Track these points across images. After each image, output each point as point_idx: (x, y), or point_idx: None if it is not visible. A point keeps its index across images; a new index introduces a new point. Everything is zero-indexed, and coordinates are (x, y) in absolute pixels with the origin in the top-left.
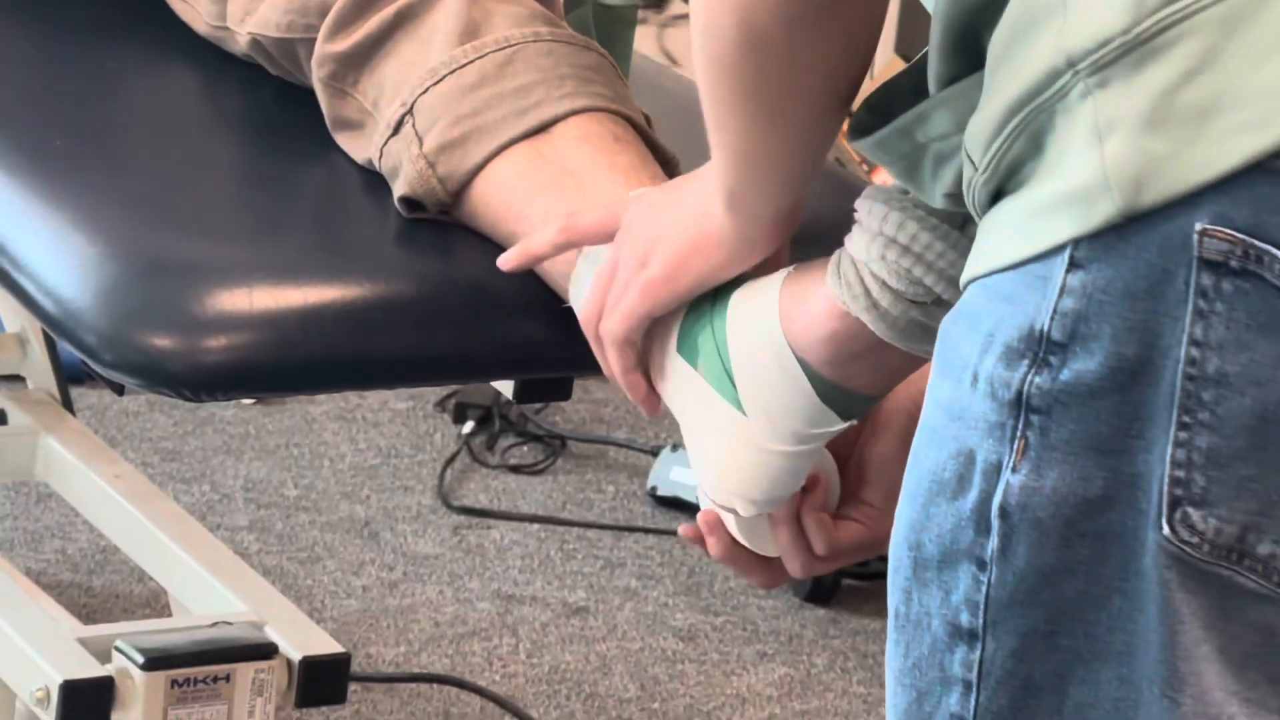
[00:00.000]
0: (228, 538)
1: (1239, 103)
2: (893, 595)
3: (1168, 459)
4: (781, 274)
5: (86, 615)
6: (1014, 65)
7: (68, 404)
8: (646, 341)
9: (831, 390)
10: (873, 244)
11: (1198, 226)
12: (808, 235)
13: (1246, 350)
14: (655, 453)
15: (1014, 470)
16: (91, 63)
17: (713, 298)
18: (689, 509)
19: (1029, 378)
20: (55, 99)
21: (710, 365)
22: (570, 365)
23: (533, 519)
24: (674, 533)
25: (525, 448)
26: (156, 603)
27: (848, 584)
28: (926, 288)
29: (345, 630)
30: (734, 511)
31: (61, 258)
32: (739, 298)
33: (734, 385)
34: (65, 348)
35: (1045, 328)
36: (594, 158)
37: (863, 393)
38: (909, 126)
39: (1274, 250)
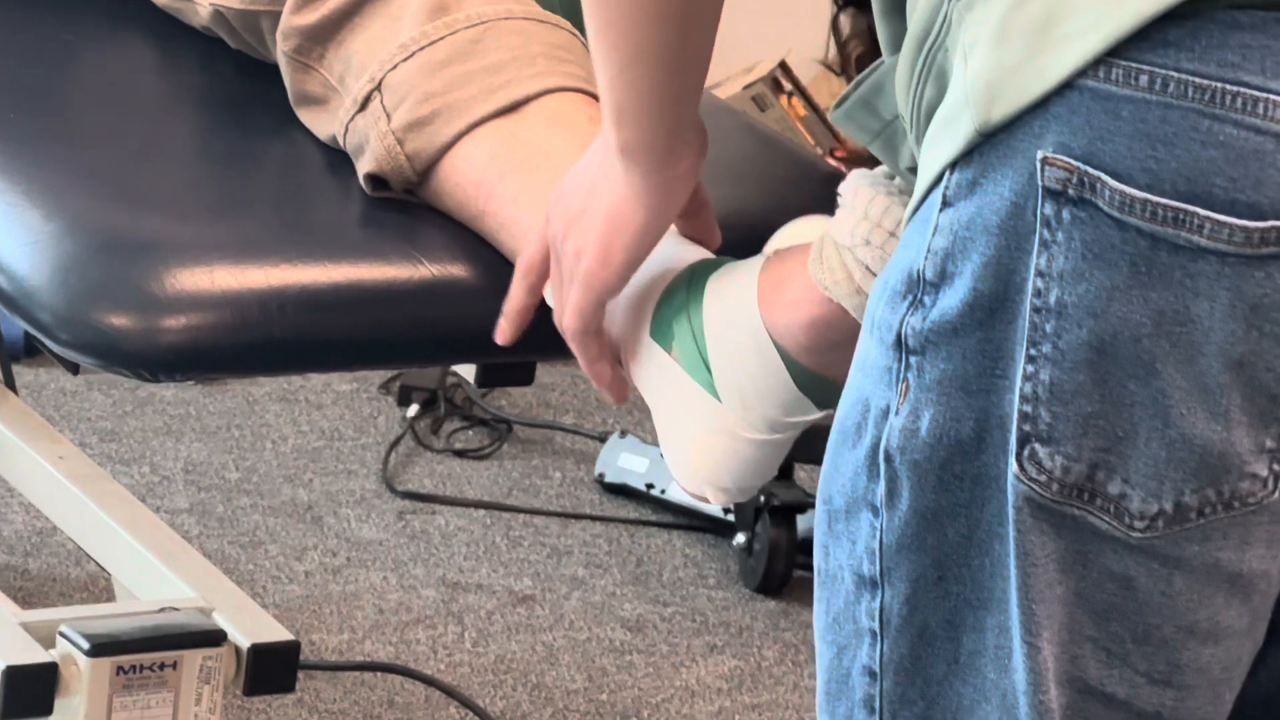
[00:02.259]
0: (167, 521)
1: (1075, 10)
2: (815, 554)
3: (1016, 394)
4: (761, 258)
5: (23, 599)
6: (912, 5)
7: (10, 382)
8: (617, 326)
9: (809, 379)
10: (857, 228)
11: (1040, 154)
12: (780, 224)
13: (1083, 280)
14: (603, 438)
15: (896, 414)
16: (46, 34)
17: (689, 281)
18: (637, 496)
19: (906, 319)
20: (9, 71)
21: (685, 350)
22: (533, 350)
23: (478, 505)
24: (622, 520)
25: (471, 432)
26: (95, 586)
27: (799, 575)
28: None
29: (287, 617)
30: (704, 499)
31: (16, 233)
32: (716, 281)
33: (709, 371)
34: (6, 324)
35: (921, 268)
36: (567, 138)
37: (841, 381)
38: (869, 99)
39: (1105, 177)
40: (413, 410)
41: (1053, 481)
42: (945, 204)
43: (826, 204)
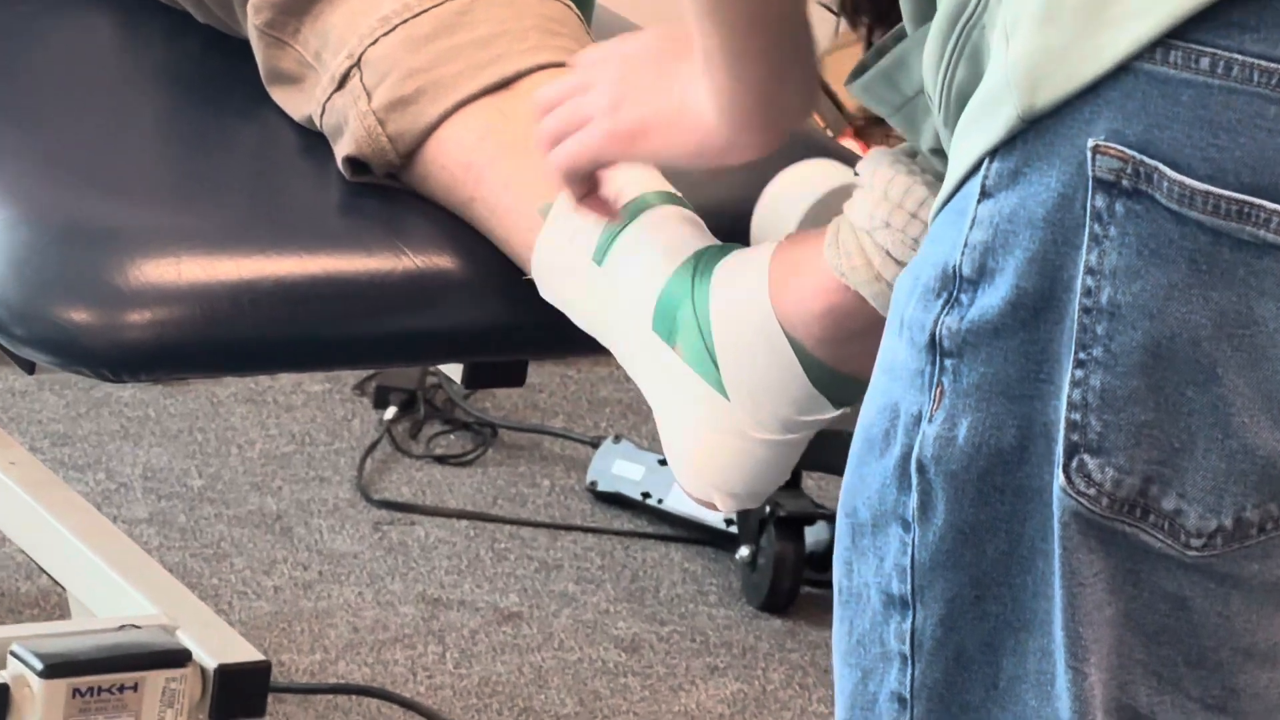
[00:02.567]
0: (125, 531)
1: None
2: (836, 570)
3: (1064, 401)
4: (771, 244)
5: None
6: None
7: None
8: (614, 315)
9: (825, 373)
10: (876, 210)
11: (1090, 143)
12: None
13: (1138, 278)
14: (596, 444)
15: (930, 420)
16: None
17: (693, 268)
18: (632, 506)
19: (941, 319)
20: None
21: (690, 343)
22: (526, 348)
23: (461, 515)
24: (616, 532)
25: (453, 436)
26: (46, 602)
27: (807, 592)
28: None
29: (255, 635)
30: (711, 506)
31: None
32: (725, 268)
33: (716, 366)
34: None
35: (957, 263)
36: None
37: (859, 377)
38: (891, 73)
39: (1163, 167)
40: (390, 413)
41: (1103, 495)
42: (984, 194)
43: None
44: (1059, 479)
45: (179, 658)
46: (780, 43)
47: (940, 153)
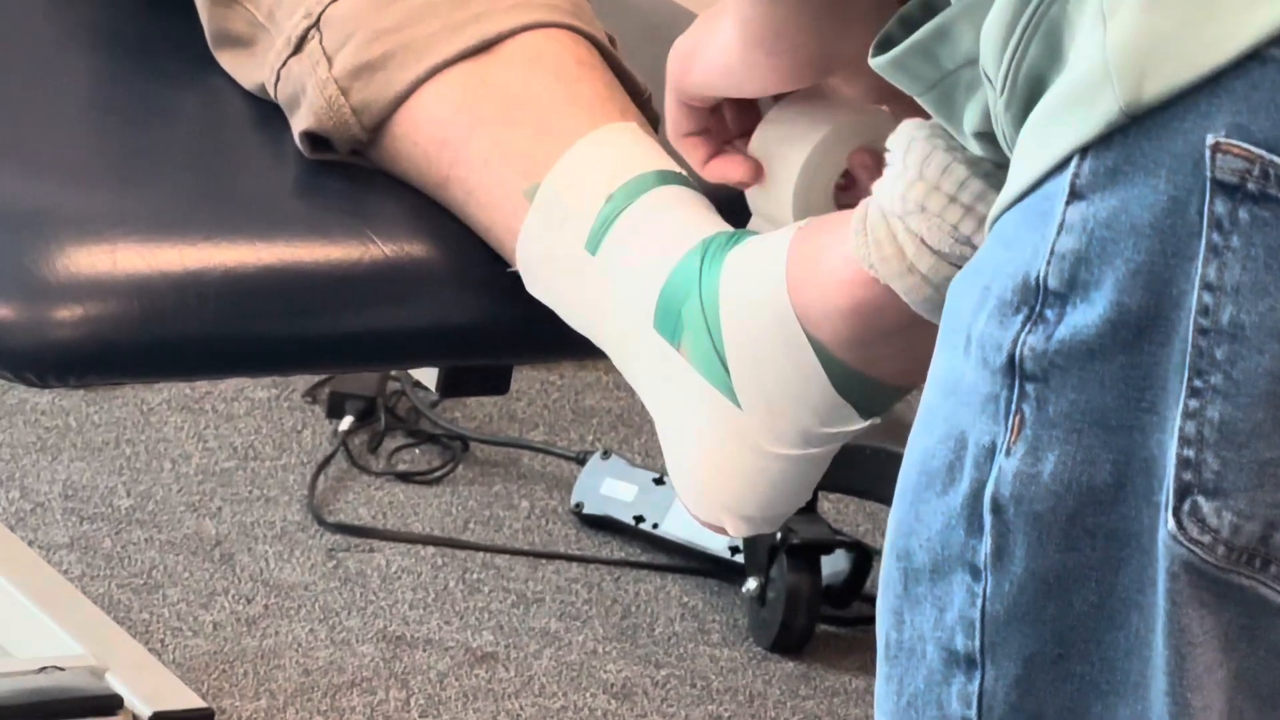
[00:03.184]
0: (43, 558)
1: None
2: (882, 620)
3: (1173, 434)
4: (790, 229)
5: None
6: None
7: None
8: (609, 311)
9: (851, 378)
10: (910, 192)
11: (1210, 140)
12: None
13: (1266, 296)
14: (582, 460)
15: (1008, 454)
16: None
17: (702, 257)
18: (623, 531)
19: (1022, 337)
20: None
21: (697, 344)
22: (511, 351)
23: (427, 540)
24: (605, 561)
25: (418, 450)
26: None
27: (823, 631)
28: (976, 249)
29: (193, 678)
30: (721, 531)
31: None
32: (736, 258)
33: (726, 370)
34: None
35: (1042, 274)
36: (550, 85)
37: (890, 382)
38: (929, 44)
39: None
40: (346, 423)
41: (1219, 544)
42: (1074, 196)
43: None
44: (1167, 524)
45: (109, 704)
46: None
47: (986, 136)
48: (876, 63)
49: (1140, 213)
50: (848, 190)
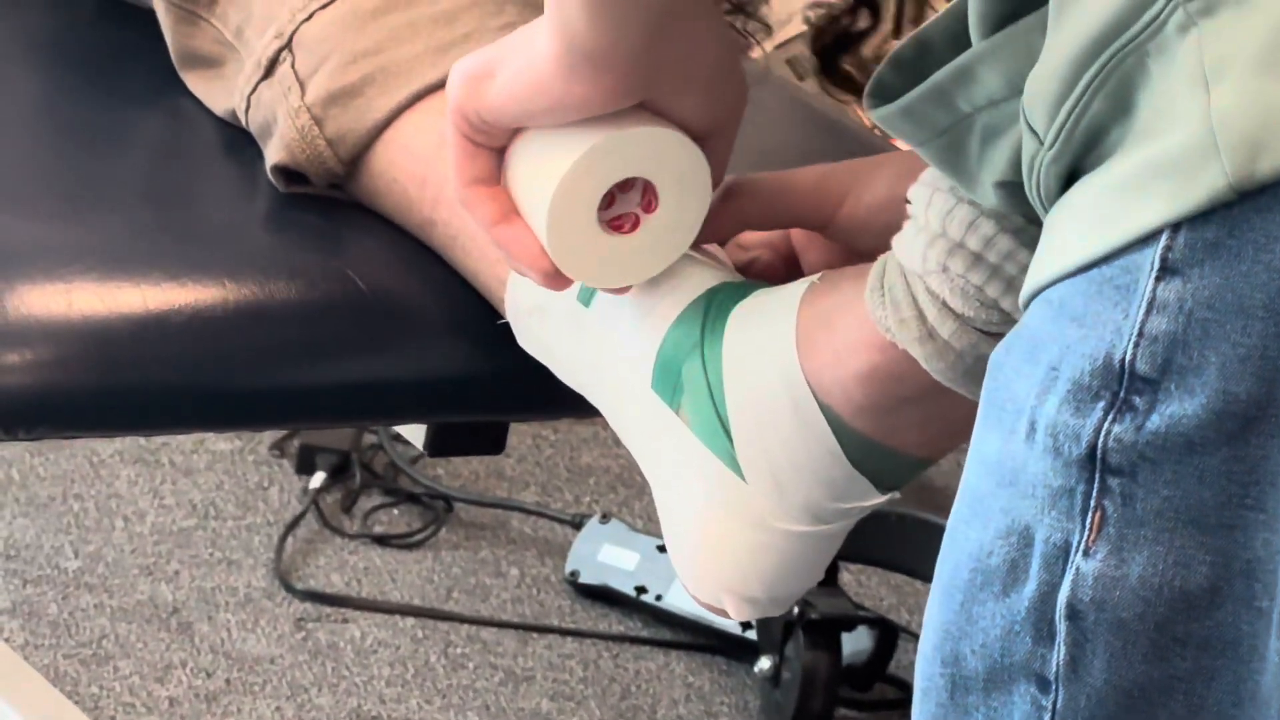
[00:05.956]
0: None
1: None
2: None
3: None
4: (801, 285)
5: None
6: None
7: None
8: (604, 370)
9: (867, 449)
10: (931, 249)
11: None
12: None
13: None
14: (578, 523)
15: (1087, 554)
16: None
17: (705, 313)
18: (622, 603)
19: (1106, 427)
20: None
21: (698, 408)
22: (502, 407)
23: (405, 611)
24: (603, 636)
25: (396, 511)
26: None
27: (842, 715)
28: (1003, 313)
29: None
30: (721, 612)
31: None
32: (742, 314)
33: (730, 438)
34: None
35: (1128, 358)
36: None
37: (909, 454)
38: (946, 88)
39: None
40: (317, 480)
41: None
42: (1166, 271)
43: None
44: None
45: None
46: None
47: (1011, 187)
48: (880, 114)
49: (1250, 292)
50: (611, 208)
